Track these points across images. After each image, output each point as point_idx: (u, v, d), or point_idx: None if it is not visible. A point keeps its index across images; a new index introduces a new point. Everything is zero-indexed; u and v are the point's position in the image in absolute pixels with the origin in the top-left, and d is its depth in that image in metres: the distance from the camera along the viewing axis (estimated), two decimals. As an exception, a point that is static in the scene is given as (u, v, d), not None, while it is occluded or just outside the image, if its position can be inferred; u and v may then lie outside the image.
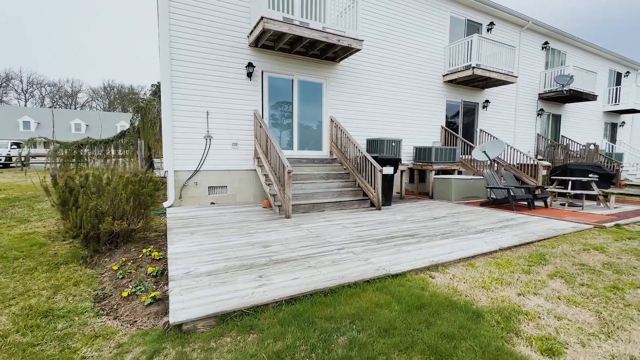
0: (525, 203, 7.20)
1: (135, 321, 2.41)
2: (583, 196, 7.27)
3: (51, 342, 2.14)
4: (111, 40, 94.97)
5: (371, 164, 6.58)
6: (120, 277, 3.17)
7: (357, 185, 7.12)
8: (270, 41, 6.94)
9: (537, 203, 7.53)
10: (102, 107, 69.36)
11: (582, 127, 15.10)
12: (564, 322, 2.25)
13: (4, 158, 19.42)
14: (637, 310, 2.42)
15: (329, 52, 7.47)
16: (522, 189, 7.21)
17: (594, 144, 11.68)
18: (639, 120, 18.97)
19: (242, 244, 3.88)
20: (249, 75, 7.08)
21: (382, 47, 8.87)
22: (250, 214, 5.81)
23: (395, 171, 7.10)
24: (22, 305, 2.62)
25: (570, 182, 7.65)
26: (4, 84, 64.47)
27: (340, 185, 7.04)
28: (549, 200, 7.45)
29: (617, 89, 16.14)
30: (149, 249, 3.78)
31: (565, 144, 13.36)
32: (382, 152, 7.82)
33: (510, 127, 12.28)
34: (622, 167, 14.41)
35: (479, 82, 10.27)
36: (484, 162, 9.30)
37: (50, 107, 63.89)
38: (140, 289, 2.84)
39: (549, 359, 1.86)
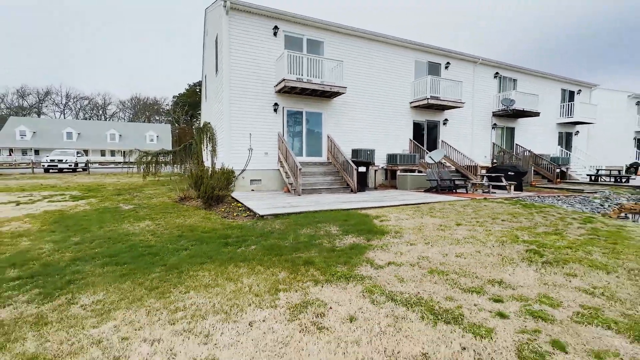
0: (451, 189, 11.13)
1: (244, 218, 6.58)
2: (490, 185, 11.15)
3: (215, 230, 6.32)
4: (133, 51, 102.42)
5: (350, 164, 10.68)
6: (227, 212, 7.37)
7: (343, 179, 11.22)
8: (288, 89, 11.16)
9: (462, 190, 11.44)
10: (128, 117, 75.67)
11: (536, 136, 18.73)
12: (398, 219, 6.30)
13: (73, 164, 24.30)
14: (430, 216, 6.44)
15: (326, 94, 11.66)
16: (447, 181, 11.15)
17: (529, 151, 15.42)
18: (594, 130, 22.46)
19: (277, 203, 8.06)
20: (275, 110, 11.33)
21: (363, 86, 13.01)
22: (277, 194, 10.00)
23: (367, 170, 11.17)
24: (191, 221, 6.82)
25: (485, 177, 11.54)
26: (44, 98, 71.42)
27: (332, 179, 11.15)
28: (469, 188, 11.37)
29: (570, 104, 19.77)
30: (235, 204, 8.00)
31: (515, 151, 17.12)
32: (361, 157, 11.91)
33: (468, 139, 16.15)
34: (567, 168, 18.02)
35: (437, 107, 14.26)
36: (437, 163, 13.24)
37: (85, 118, 70.50)
38: (241, 213, 7.03)
39: (381, 222, 5.92)
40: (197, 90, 58.20)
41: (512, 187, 11.35)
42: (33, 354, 2.08)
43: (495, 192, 11.31)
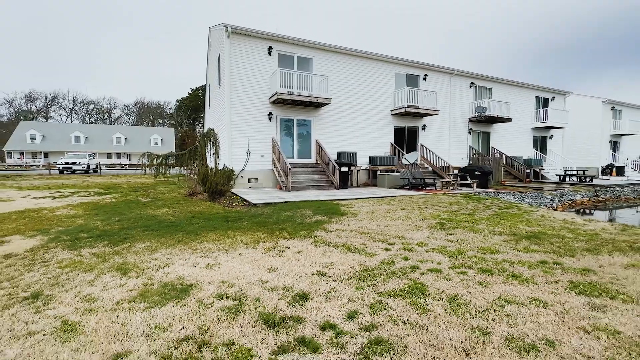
0: (421, 186, 12.87)
1: (241, 207, 8.35)
2: (457, 183, 12.88)
3: (218, 213, 8.09)
4: (136, 55, 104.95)
5: (334, 165, 12.45)
6: (227, 203, 9.14)
7: (328, 178, 12.99)
8: (281, 101, 12.97)
9: (431, 187, 13.17)
10: (132, 121, 77.84)
11: (511, 140, 20.43)
12: (360, 206, 8.05)
13: (86, 166, 26.17)
14: (386, 205, 8.19)
15: (314, 104, 13.47)
16: (419, 179, 12.90)
17: (499, 153, 17.16)
18: (572, 133, 24.17)
19: (268, 196, 9.84)
20: (270, 118, 13.14)
21: (348, 96, 14.80)
22: (271, 190, 11.79)
23: (349, 170, 12.93)
24: (199, 208, 8.59)
25: (453, 176, 13.28)
26: (52, 102, 73.63)
27: (319, 178, 12.92)
28: (439, 185, 13.10)
29: (544, 110, 21.48)
30: (234, 197, 9.78)
31: (490, 153, 18.83)
32: (344, 159, 13.69)
33: (446, 142, 17.89)
34: (540, 168, 19.68)
35: (415, 114, 16.03)
36: (412, 164, 15.00)
37: (91, 122, 72.70)
38: (239, 203, 8.81)
39: (345, 208, 7.68)
40: (200, 94, 60.30)
41: (475, 184, 13.10)
42: (122, 262, 3.86)
43: (461, 189, 13.03)
